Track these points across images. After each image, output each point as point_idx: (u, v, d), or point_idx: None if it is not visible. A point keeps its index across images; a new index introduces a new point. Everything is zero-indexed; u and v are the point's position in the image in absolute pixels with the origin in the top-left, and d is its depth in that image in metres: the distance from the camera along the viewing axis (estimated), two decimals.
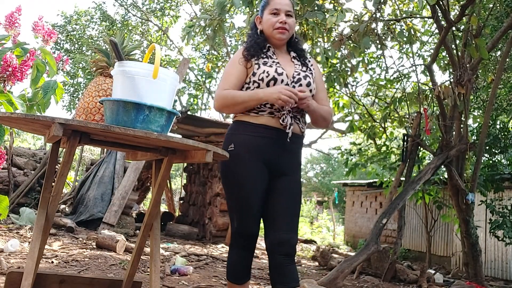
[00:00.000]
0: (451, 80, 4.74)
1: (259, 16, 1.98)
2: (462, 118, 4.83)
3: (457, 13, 4.43)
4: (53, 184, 1.62)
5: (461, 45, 4.58)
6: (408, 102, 5.53)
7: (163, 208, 10.72)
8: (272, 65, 1.85)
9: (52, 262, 3.40)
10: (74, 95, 12.14)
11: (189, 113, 6.58)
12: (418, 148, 5.18)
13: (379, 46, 4.75)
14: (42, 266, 3.13)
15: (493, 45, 4.59)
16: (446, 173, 5.13)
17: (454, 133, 4.84)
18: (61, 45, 12.01)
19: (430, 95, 5.53)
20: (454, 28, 4.36)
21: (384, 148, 6.44)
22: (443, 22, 4.35)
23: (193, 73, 11.94)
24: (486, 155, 5.19)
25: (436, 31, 5.69)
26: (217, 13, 3.94)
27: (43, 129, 1.52)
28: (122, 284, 1.97)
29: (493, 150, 5.16)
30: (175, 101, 10.96)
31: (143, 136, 1.31)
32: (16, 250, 3.58)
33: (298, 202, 1.89)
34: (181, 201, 8.83)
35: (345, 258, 4.56)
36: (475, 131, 5.39)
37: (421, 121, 5.02)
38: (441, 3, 4.01)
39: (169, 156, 1.62)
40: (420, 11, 5.40)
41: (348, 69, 5.30)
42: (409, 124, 5.51)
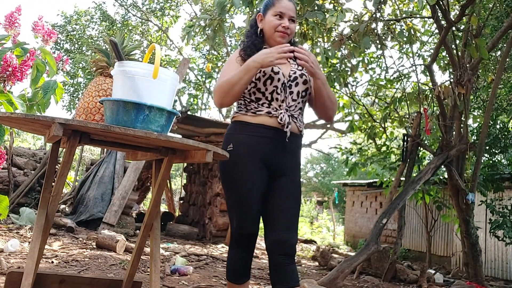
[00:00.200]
0: (451, 80, 4.74)
1: (261, 15, 1.96)
2: (462, 118, 4.83)
3: (457, 13, 4.43)
4: (53, 184, 1.62)
5: (461, 45, 4.58)
6: (408, 102, 5.53)
7: (163, 208, 10.72)
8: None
9: (52, 262, 3.40)
10: (74, 95, 12.14)
11: (189, 113, 6.59)
12: (418, 148, 5.18)
13: (379, 46, 4.75)
14: (42, 266, 3.13)
15: (493, 45, 4.59)
16: (446, 173, 5.13)
17: (454, 133, 4.84)
18: (61, 45, 12.01)
19: (430, 95, 5.53)
20: (454, 28, 4.36)
21: (384, 148, 6.44)
22: (443, 22, 4.35)
23: (193, 73, 11.95)
24: (486, 155, 5.19)
25: (436, 31, 5.69)
26: (217, 13, 3.94)
27: (43, 129, 1.52)
28: (122, 284, 1.97)
29: (493, 150, 5.16)
30: (175, 101, 10.96)
31: (143, 136, 1.31)
32: (16, 250, 3.58)
33: (298, 201, 1.89)
34: (181, 201, 8.83)
35: (345, 258, 4.56)
36: (475, 131, 5.39)
37: (421, 121, 5.02)
38: (441, 3, 4.01)
39: (169, 156, 1.62)
40: (420, 11, 5.39)
41: (348, 69, 5.30)
42: (409, 124, 5.51)
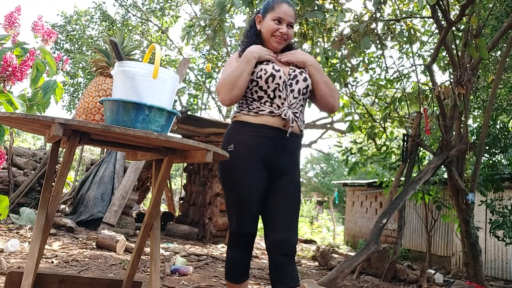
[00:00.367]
0: (451, 80, 4.74)
1: (261, 16, 1.97)
2: (462, 118, 4.83)
3: (457, 13, 4.43)
4: (53, 184, 1.62)
5: (461, 45, 4.58)
6: (408, 102, 5.53)
7: (163, 208, 10.72)
8: (269, 63, 1.88)
9: (52, 262, 3.39)
10: (74, 95, 12.14)
11: (189, 113, 6.59)
12: (418, 148, 5.18)
13: (379, 46, 4.75)
14: (42, 266, 3.13)
15: (493, 45, 4.59)
16: (446, 173, 5.13)
17: (454, 133, 4.84)
18: (61, 45, 12.01)
19: (430, 95, 5.53)
20: (454, 28, 4.36)
21: (384, 148, 6.44)
22: (443, 22, 4.35)
23: (193, 73, 11.95)
24: (486, 155, 5.19)
25: (436, 31, 5.69)
26: (217, 13, 3.94)
27: (43, 129, 1.51)
28: (122, 284, 1.97)
29: (493, 150, 5.16)
30: (175, 101, 10.96)
31: (143, 136, 1.31)
32: (16, 250, 3.58)
33: (298, 202, 1.89)
34: (181, 201, 8.83)
35: (345, 258, 4.56)
36: (475, 131, 5.39)
37: (421, 121, 5.02)
38: (441, 3, 4.01)
39: (169, 156, 1.62)
40: (420, 11, 5.39)
41: (348, 69, 5.30)
42: (409, 124, 5.51)
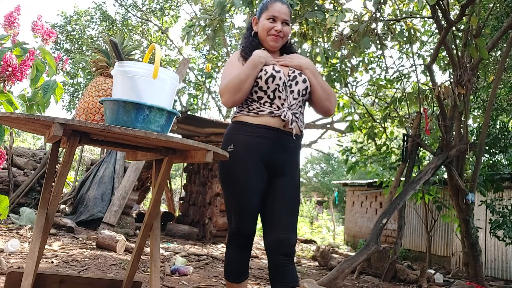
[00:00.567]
0: (451, 80, 4.74)
1: (256, 18, 1.99)
2: (462, 118, 4.83)
3: (457, 13, 4.43)
4: (53, 184, 1.62)
5: (461, 45, 4.58)
6: (408, 102, 5.53)
7: (163, 208, 10.72)
8: (269, 64, 1.87)
9: (52, 262, 3.39)
10: (74, 95, 12.13)
11: (189, 113, 6.59)
12: (418, 148, 5.18)
13: (379, 46, 4.74)
14: (42, 266, 3.13)
15: (493, 45, 4.58)
16: (446, 173, 5.13)
17: (454, 133, 4.84)
18: (61, 45, 12.00)
19: (430, 95, 5.52)
20: (454, 28, 4.36)
21: (384, 148, 6.44)
22: (443, 22, 4.35)
23: (193, 73, 11.95)
24: (486, 155, 5.19)
25: (436, 31, 5.69)
26: (217, 13, 3.94)
27: (43, 129, 1.51)
28: (122, 284, 1.97)
29: (493, 150, 5.16)
30: (175, 101, 10.96)
31: (143, 136, 1.31)
32: (16, 250, 3.58)
33: (297, 202, 1.89)
34: (181, 201, 8.83)
35: (345, 258, 4.56)
36: (475, 131, 5.39)
37: (421, 121, 5.02)
38: (441, 3, 4.01)
39: (169, 156, 1.62)
40: (420, 11, 5.39)
41: (348, 69, 5.30)
42: (409, 124, 5.50)
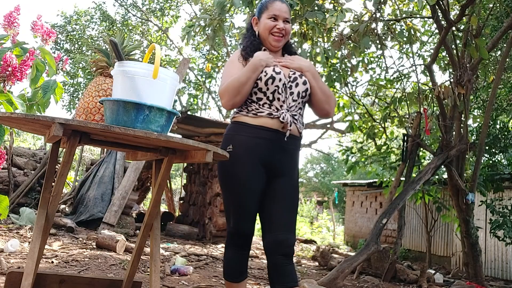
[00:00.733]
0: (451, 80, 4.74)
1: (256, 18, 1.98)
2: (462, 118, 4.83)
3: (457, 13, 4.43)
4: (53, 184, 1.62)
5: (461, 45, 4.58)
6: (408, 102, 5.53)
7: (163, 208, 10.72)
8: (270, 65, 1.87)
9: (52, 262, 3.39)
10: (74, 95, 12.13)
11: (189, 113, 6.59)
12: (418, 148, 5.18)
13: (379, 46, 4.75)
14: (42, 266, 3.13)
15: (493, 45, 4.58)
16: (446, 173, 5.13)
17: (454, 133, 4.84)
18: (61, 45, 12.00)
19: (430, 95, 5.52)
20: (454, 28, 4.36)
21: (384, 148, 6.44)
22: (443, 22, 4.35)
23: (193, 73, 11.95)
24: (486, 155, 5.19)
25: (436, 31, 5.69)
26: (217, 13, 3.94)
27: (43, 129, 1.51)
28: (122, 284, 1.97)
29: (493, 150, 5.16)
30: (175, 101, 10.96)
31: (143, 136, 1.31)
32: (16, 250, 3.58)
33: (295, 202, 1.89)
34: (181, 201, 8.83)
35: (345, 258, 4.56)
36: (475, 131, 5.39)
37: (421, 121, 5.02)
38: (441, 3, 4.01)
39: (169, 156, 1.62)
40: (420, 11, 5.39)
41: (348, 69, 5.30)
42: (409, 124, 5.50)
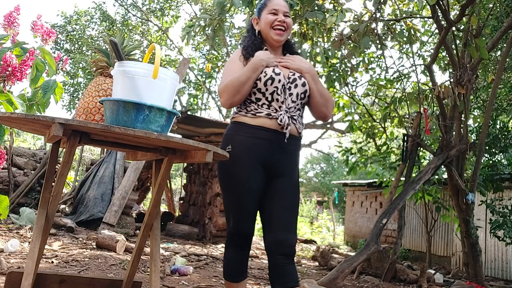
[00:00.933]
0: (451, 80, 4.74)
1: (256, 18, 2.00)
2: (462, 118, 4.83)
3: (457, 13, 4.43)
4: (53, 184, 1.62)
5: (461, 45, 4.58)
6: (408, 102, 5.53)
7: (163, 208, 10.72)
8: (270, 65, 1.87)
9: (52, 262, 3.39)
10: (74, 95, 12.13)
11: (189, 113, 6.59)
12: (418, 148, 5.18)
13: (379, 46, 4.75)
14: (42, 266, 3.13)
15: (493, 45, 4.58)
16: (446, 173, 5.13)
17: (454, 133, 4.84)
18: (61, 45, 12.00)
19: (430, 95, 5.52)
20: (454, 28, 4.36)
21: (384, 148, 6.44)
22: (443, 22, 4.35)
23: (193, 73, 11.95)
24: (486, 155, 5.19)
25: (436, 31, 5.69)
26: (217, 13, 3.94)
27: (43, 129, 1.51)
28: (122, 284, 1.97)
29: (493, 150, 5.16)
30: (175, 101, 10.96)
31: (143, 136, 1.31)
32: (16, 250, 3.58)
33: (296, 202, 1.89)
34: (181, 201, 8.82)
35: (345, 258, 4.56)
36: (475, 131, 5.39)
37: (421, 121, 5.02)
38: (441, 3, 4.01)
39: (169, 156, 1.62)
40: (420, 11, 5.39)
41: (348, 69, 5.30)
42: (409, 124, 5.51)
